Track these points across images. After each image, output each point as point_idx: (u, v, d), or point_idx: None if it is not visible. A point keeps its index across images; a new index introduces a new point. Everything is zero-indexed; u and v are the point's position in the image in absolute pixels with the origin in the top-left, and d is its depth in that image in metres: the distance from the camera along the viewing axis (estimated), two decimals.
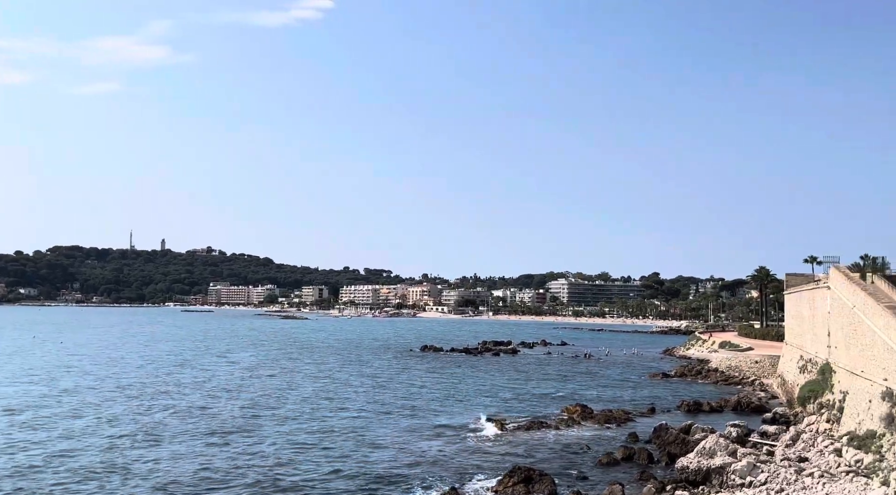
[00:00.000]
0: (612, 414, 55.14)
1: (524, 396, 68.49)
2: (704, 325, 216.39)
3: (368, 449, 43.36)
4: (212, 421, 50.90)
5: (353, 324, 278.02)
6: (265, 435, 46.26)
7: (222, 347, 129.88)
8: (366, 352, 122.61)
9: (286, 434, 47.07)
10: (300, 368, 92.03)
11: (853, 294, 43.17)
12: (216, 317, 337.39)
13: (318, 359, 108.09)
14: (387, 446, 44.07)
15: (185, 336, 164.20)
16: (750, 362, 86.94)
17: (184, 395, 63.51)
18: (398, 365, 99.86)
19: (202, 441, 44.14)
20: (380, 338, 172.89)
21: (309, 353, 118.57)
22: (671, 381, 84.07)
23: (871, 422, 34.69)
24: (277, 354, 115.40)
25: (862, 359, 40.23)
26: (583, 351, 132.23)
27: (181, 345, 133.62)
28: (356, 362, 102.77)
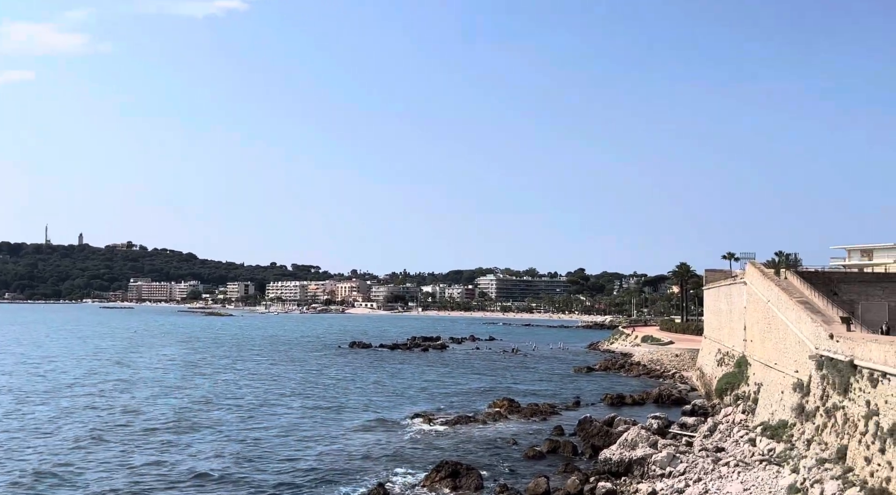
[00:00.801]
0: (538, 408, 55.96)
1: (452, 392, 68.87)
2: (628, 320, 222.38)
3: (296, 446, 42.80)
4: (141, 423, 49.35)
5: (280, 320, 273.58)
6: (193, 438, 45.05)
7: (147, 346, 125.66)
8: (293, 349, 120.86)
9: (215, 433, 45.97)
10: (226, 367, 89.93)
11: (768, 289, 45.05)
12: (137, 313, 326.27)
13: (244, 356, 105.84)
14: (315, 443, 43.56)
15: (105, 333, 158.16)
16: (671, 356, 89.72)
17: (112, 397, 61.22)
18: (326, 362, 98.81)
19: (130, 446, 42.65)
20: (308, 334, 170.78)
21: (235, 351, 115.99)
22: (596, 375, 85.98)
23: (782, 412, 36.31)
24: (202, 353, 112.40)
25: (776, 351, 42.05)
26: (510, 346, 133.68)
27: (104, 343, 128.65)
28: (283, 360, 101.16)
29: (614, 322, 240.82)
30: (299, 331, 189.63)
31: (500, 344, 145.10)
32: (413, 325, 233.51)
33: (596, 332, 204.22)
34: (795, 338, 37.25)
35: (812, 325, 34.12)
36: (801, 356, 35.63)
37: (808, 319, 35.08)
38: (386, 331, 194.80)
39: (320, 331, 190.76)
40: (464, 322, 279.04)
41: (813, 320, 34.26)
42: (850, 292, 49.05)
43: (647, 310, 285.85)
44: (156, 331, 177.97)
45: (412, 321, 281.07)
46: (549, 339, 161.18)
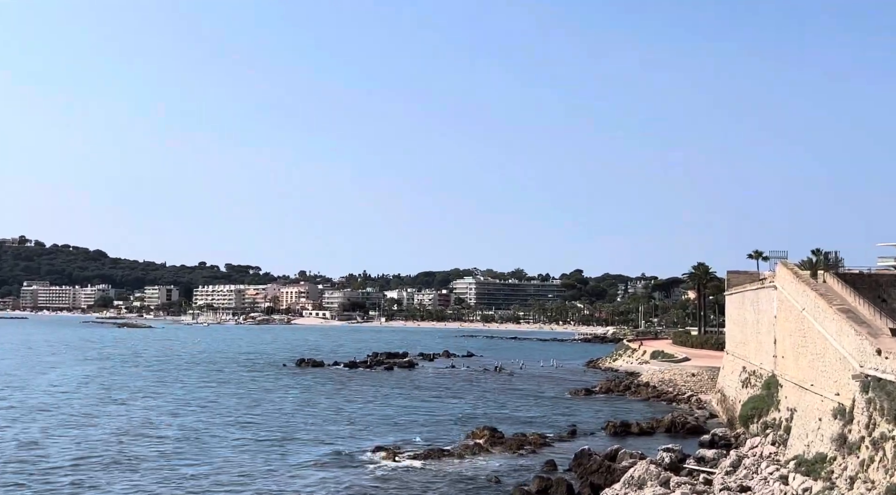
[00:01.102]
0: (525, 439, 56.05)
1: (423, 419, 68.86)
2: (634, 332, 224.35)
3: (232, 486, 42.45)
4: (38, 461, 48.60)
5: (212, 333, 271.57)
6: (104, 478, 44.46)
7: (46, 365, 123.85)
8: (228, 369, 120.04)
9: (131, 472, 45.44)
10: (145, 391, 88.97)
11: (803, 295, 45.52)
12: (32, 325, 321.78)
13: (168, 378, 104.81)
14: (254, 483, 43.28)
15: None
16: (686, 375, 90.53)
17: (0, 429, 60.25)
18: (269, 384, 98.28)
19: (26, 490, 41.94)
20: (246, 350, 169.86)
21: (156, 371, 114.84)
22: (595, 399, 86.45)
23: (820, 444, 36.70)
24: (115, 374, 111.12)
25: (812, 370, 42.49)
26: (493, 363, 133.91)
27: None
28: (215, 381, 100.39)
29: (618, 334, 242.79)
30: (235, 345, 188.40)
31: (481, 361, 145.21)
32: (375, 339, 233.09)
33: (596, 347, 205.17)
34: (836, 354, 37.67)
35: (856, 339, 34.51)
36: (842, 376, 36.03)
37: (850, 331, 35.48)
38: (342, 345, 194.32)
39: (261, 345, 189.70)
40: (437, 334, 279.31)
41: (857, 332, 34.65)
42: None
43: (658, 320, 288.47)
44: (57, 346, 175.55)
45: (374, 333, 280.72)
46: (539, 355, 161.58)
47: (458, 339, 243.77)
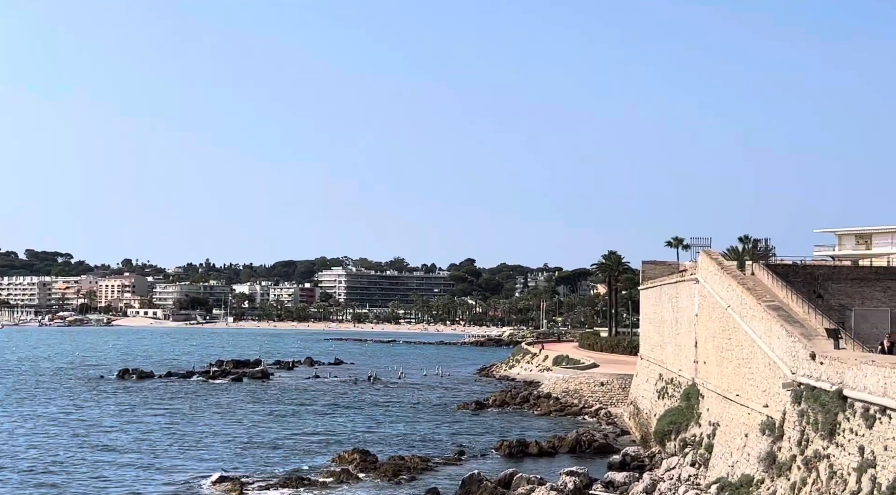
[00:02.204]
0: (403, 463, 56.10)
1: (278, 441, 68.25)
2: (534, 333, 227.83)
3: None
4: None
5: (7, 337, 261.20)
6: None
7: None
8: (31, 382, 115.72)
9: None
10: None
11: (728, 289, 46.97)
12: None
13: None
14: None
15: None
16: (594, 384, 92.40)
17: None
18: (82, 400, 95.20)
19: None
20: (54, 358, 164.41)
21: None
22: (488, 413, 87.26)
23: (746, 464, 37.96)
24: None
25: (737, 378, 43.92)
26: (366, 372, 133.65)
27: None
28: (13, 398, 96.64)
29: (515, 336, 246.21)
30: (36, 353, 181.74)
31: (352, 369, 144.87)
32: (220, 343, 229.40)
33: (490, 351, 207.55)
34: (765, 358, 38.99)
35: (787, 341, 35.79)
36: (772, 384, 37.34)
37: (781, 332, 36.78)
38: (178, 352, 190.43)
39: (73, 352, 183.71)
40: (298, 337, 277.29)
41: (789, 334, 35.93)
42: (841, 293, 52.03)
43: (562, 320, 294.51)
44: None
45: (219, 337, 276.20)
46: (422, 362, 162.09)
47: (325, 343, 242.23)
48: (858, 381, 27.85)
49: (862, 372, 27.65)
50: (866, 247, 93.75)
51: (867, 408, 26.92)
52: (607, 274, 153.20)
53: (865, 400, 27.07)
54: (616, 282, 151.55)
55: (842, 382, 29.22)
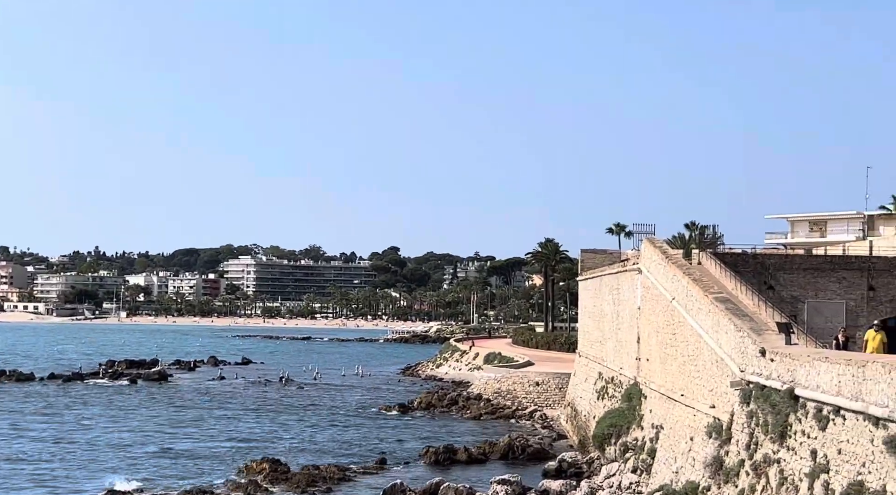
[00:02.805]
0: (319, 473, 55.92)
1: (177, 449, 67.76)
2: (464, 329, 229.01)
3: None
4: None
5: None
6: None
7: None
8: None
9: None
10: None
11: (673, 280, 47.45)
12: None
13: None
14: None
15: None
16: (528, 384, 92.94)
17: None
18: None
19: None
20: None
21: None
22: (413, 417, 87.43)
23: (692, 471, 38.39)
24: None
25: (683, 376, 44.39)
26: (278, 373, 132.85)
27: None
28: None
29: (443, 332, 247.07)
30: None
31: (261, 370, 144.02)
32: (112, 341, 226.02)
33: (415, 348, 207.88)
34: (712, 355, 39.45)
35: (736, 336, 36.21)
36: (719, 383, 37.77)
37: (730, 327, 37.19)
38: (63, 351, 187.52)
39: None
40: (200, 334, 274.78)
41: (737, 328, 36.34)
42: (793, 284, 52.92)
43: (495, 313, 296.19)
44: None
45: (111, 334, 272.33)
46: (340, 361, 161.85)
47: (231, 341, 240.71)
48: (811, 379, 28.20)
49: (815, 370, 27.99)
50: (820, 235, 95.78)
51: (820, 409, 27.27)
52: (543, 263, 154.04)
53: (818, 400, 27.41)
54: (553, 272, 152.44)
55: (793, 380, 29.59)
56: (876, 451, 23.35)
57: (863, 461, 24.03)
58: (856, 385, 24.75)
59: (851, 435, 24.99)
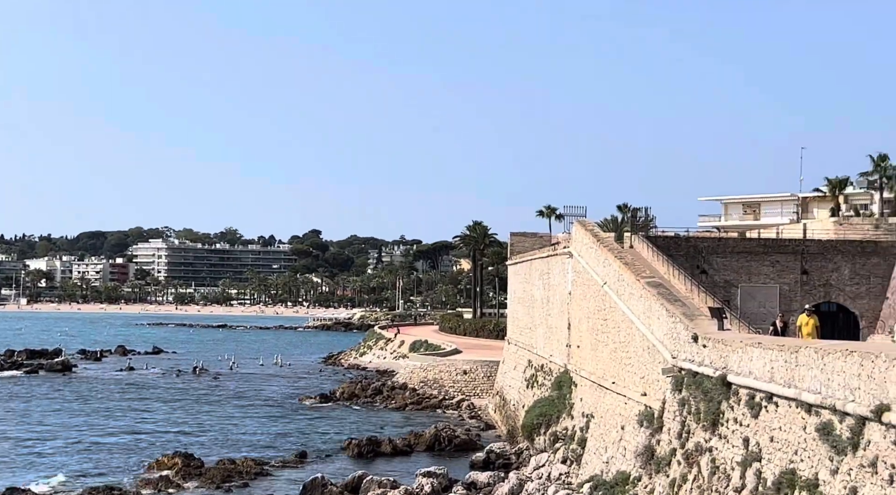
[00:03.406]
0: (235, 467, 55.71)
1: (83, 445, 67.06)
2: (389, 316, 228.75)
3: None
4: None
5: None
6: None
7: None
8: None
9: None
10: None
11: (604, 264, 47.90)
12: None
13: None
14: None
15: None
16: (456, 373, 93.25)
17: None
18: None
19: None
20: None
21: None
22: (334, 408, 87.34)
23: (622, 460, 38.88)
24: None
25: (614, 363, 44.88)
26: (191, 363, 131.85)
27: None
28: None
29: (367, 319, 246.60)
30: None
31: (174, 359, 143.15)
32: (11, 329, 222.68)
33: (337, 336, 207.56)
34: (644, 341, 39.93)
35: (668, 322, 36.66)
36: (651, 370, 38.27)
37: (662, 312, 37.65)
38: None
39: None
40: (108, 322, 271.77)
41: (670, 314, 36.80)
42: (726, 268, 53.73)
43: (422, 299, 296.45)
44: None
45: (9, 321, 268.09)
46: (258, 350, 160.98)
47: (141, 329, 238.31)
48: (744, 366, 28.64)
49: (747, 356, 28.43)
50: (754, 218, 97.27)
51: (753, 396, 27.72)
52: (472, 247, 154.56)
53: (751, 387, 27.85)
54: (482, 256, 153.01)
55: (726, 367, 30.03)
56: (808, 439, 23.81)
57: (795, 448, 24.49)
58: (788, 371, 25.20)
59: (784, 422, 25.46)
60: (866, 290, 54.36)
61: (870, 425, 21.04)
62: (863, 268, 54.84)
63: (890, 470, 20.01)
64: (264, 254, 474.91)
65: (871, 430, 21.03)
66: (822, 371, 23.34)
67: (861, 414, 21.25)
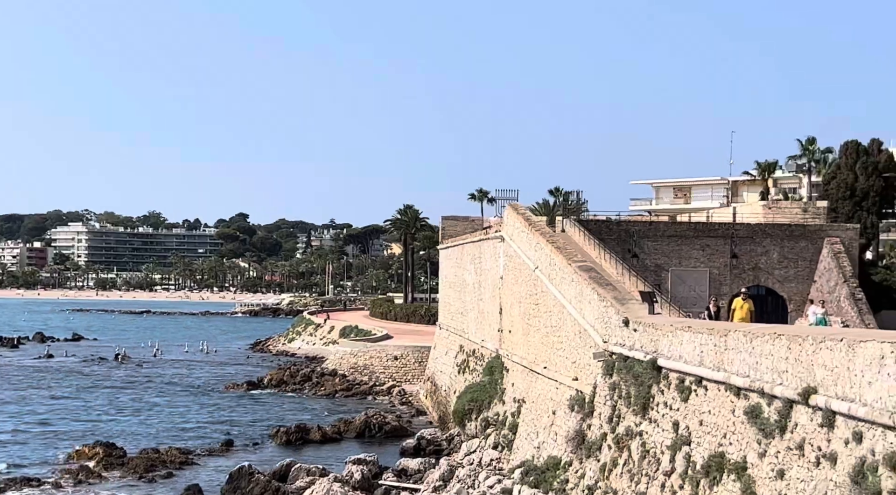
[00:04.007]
0: (159, 457, 55.39)
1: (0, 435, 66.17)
2: (319, 301, 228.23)
3: None
4: None
5: None
6: None
7: None
8: None
9: None
10: None
11: (536, 248, 48.19)
12: None
13: None
14: None
15: None
16: (386, 359, 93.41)
17: None
18: None
19: None
20: None
21: None
22: (262, 395, 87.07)
23: (554, 446, 39.24)
24: None
25: (545, 348, 45.23)
26: (114, 350, 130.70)
27: None
28: None
29: (296, 304, 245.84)
30: None
31: (95, 347, 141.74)
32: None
33: (266, 322, 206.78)
34: (575, 326, 40.30)
35: (600, 306, 37.05)
36: (582, 355, 38.65)
37: (593, 296, 38.03)
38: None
39: None
40: (25, 308, 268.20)
41: (601, 298, 37.18)
42: (657, 252, 54.47)
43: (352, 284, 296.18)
44: None
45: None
46: (184, 336, 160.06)
47: (60, 315, 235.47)
48: (674, 350, 29.06)
49: (678, 340, 28.85)
50: (685, 201, 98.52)
51: (682, 380, 28.14)
52: (403, 231, 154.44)
53: (681, 371, 28.27)
54: (413, 240, 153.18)
55: (656, 351, 30.44)
56: (737, 422, 24.23)
57: (724, 432, 24.91)
58: (718, 354, 25.62)
59: (713, 405, 25.89)
60: (794, 274, 55.48)
61: (797, 408, 21.47)
62: (791, 251, 55.97)
63: (816, 452, 20.44)
64: (189, 238, 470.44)
65: (798, 413, 21.46)
66: (751, 354, 23.75)
67: (788, 396, 21.66)
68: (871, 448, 18.37)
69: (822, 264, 54.98)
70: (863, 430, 18.69)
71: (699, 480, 25.78)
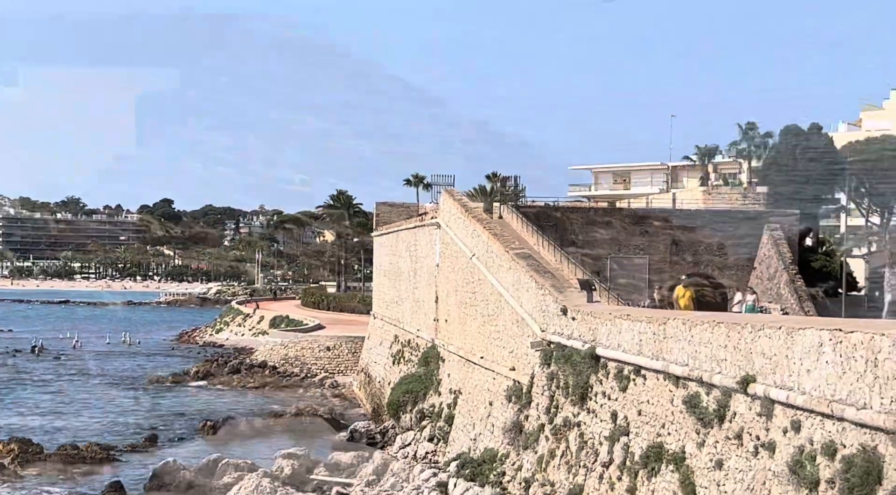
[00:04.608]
0: (78, 453, 54.71)
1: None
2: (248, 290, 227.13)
3: None
4: None
5: None
6: None
7: None
8: None
9: None
10: None
11: (473, 235, 48.43)
12: None
13: None
14: None
15: None
16: (318, 349, 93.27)
17: None
18: None
19: None
20: None
21: None
22: (188, 388, 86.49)
23: (490, 437, 39.52)
24: None
25: (482, 337, 45.49)
26: (30, 341, 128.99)
27: None
28: None
29: (224, 293, 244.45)
30: None
31: (9, 338, 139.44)
32: None
33: (192, 312, 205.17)
34: (513, 315, 40.59)
35: (537, 294, 37.35)
36: (520, 344, 38.96)
37: (531, 284, 38.33)
38: None
39: None
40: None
41: (539, 286, 37.50)
42: (597, 240, 54.88)
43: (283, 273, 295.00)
44: None
45: None
46: (105, 327, 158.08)
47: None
48: (612, 339, 29.41)
49: (616, 328, 29.20)
50: (625, 187, 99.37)
51: (621, 369, 28.51)
52: (336, 218, 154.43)
53: (619, 360, 28.64)
54: (347, 227, 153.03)
55: (595, 340, 30.78)
56: (675, 411, 24.62)
57: (662, 422, 25.31)
58: (657, 343, 25.99)
59: (652, 395, 26.28)
60: (734, 260, 56.12)
61: (736, 397, 21.87)
62: (731, 237, 56.55)
63: (755, 441, 20.85)
64: (111, 225, 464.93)
65: (736, 402, 21.86)
66: (690, 343, 24.12)
67: (727, 385, 22.06)
68: (809, 437, 18.78)
69: (762, 250, 55.68)
70: (801, 419, 19.09)
71: (637, 471, 26.15)
